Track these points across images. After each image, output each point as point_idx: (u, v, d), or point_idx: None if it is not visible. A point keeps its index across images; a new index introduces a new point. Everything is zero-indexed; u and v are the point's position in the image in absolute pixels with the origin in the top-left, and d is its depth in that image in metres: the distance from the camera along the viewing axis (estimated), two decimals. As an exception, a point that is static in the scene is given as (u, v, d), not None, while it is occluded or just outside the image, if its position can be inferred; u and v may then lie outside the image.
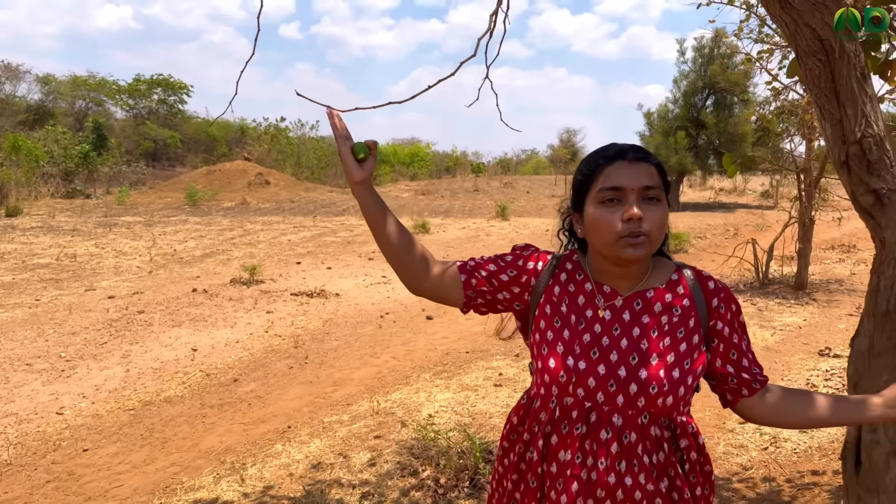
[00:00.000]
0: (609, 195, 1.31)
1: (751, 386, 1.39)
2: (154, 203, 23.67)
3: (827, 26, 1.70)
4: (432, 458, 3.72)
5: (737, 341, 1.39)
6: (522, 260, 1.46)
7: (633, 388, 1.30)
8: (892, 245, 1.76)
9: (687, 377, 1.31)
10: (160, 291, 8.79)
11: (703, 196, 30.17)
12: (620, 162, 1.32)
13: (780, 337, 6.67)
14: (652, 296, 1.37)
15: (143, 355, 6.08)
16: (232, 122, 44.45)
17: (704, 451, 1.41)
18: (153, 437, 4.34)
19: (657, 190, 1.32)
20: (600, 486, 1.29)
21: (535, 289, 1.44)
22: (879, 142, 1.73)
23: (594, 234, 1.35)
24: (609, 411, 1.30)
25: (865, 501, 1.86)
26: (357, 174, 1.40)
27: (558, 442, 1.34)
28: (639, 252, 1.29)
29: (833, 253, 13.09)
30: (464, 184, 34.86)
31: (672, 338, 1.33)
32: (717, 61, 23.39)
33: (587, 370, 1.32)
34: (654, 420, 1.31)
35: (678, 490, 1.33)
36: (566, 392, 1.33)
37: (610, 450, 1.29)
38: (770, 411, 1.41)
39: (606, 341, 1.34)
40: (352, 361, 6.02)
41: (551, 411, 1.35)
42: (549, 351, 1.36)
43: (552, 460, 1.34)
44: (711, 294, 1.39)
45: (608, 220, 1.30)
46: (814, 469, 3.57)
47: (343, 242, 14.33)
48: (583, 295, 1.40)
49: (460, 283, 1.44)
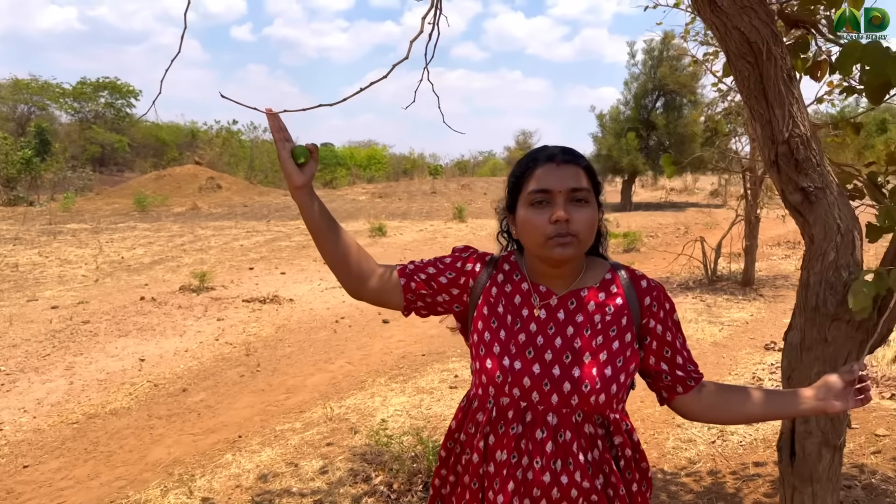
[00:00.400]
0: (538, 197, 1.33)
1: (685, 383, 1.42)
2: (101, 209, 23.03)
3: (754, 29, 1.74)
4: (385, 463, 3.70)
5: (670, 339, 1.41)
6: (461, 262, 1.47)
7: (567, 387, 1.31)
8: (820, 242, 1.81)
9: (619, 375, 1.33)
10: (107, 300, 8.54)
11: (655, 196, 30.77)
12: (549, 165, 1.35)
13: (728, 332, 6.83)
14: (586, 295, 1.39)
15: (87, 367, 5.90)
16: (182, 125, 43.62)
17: (640, 448, 1.42)
18: (98, 451, 4.21)
19: (585, 192, 1.33)
20: (536, 486, 1.30)
21: (473, 290, 1.45)
22: (806, 141, 1.78)
23: (525, 236, 1.37)
24: (544, 410, 1.31)
25: (800, 490, 1.92)
26: (297, 178, 1.37)
27: (495, 442, 1.34)
28: (567, 252, 1.31)
29: (779, 249, 13.47)
30: (421, 186, 34.85)
31: (605, 336, 1.35)
32: (666, 64, 23.90)
33: (522, 370, 1.33)
34: (587, 418, 1.33)
35: (613, 487, 1.35)
36: (502, 392, 1.34)
37: (545, 449, 1.30)
38: (706, 408, 1.44)
39: (541, 340, 1.35)
40: (305, 368, 5.94)
41: (488, 412, 1.36)
42: (486, 352, 1.37)
43: (490, 460, 1.35)
44: (644, 293, 1.40)
45: (537, 221, 1.32)
46: (757, 461, 3.66)
47: (298, 247, 14.15)
48: (519, 295, 1.41)
49: (400, 287, 1.44)
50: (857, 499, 3.04)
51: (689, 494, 3.32)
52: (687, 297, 8.81)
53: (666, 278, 10.37)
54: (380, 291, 1.46)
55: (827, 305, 1.80)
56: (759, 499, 3.21)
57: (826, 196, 1.78)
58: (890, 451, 3.63)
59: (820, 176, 1.78)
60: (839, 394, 1.34)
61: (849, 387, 1.34)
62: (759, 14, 1.73)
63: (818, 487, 1.90)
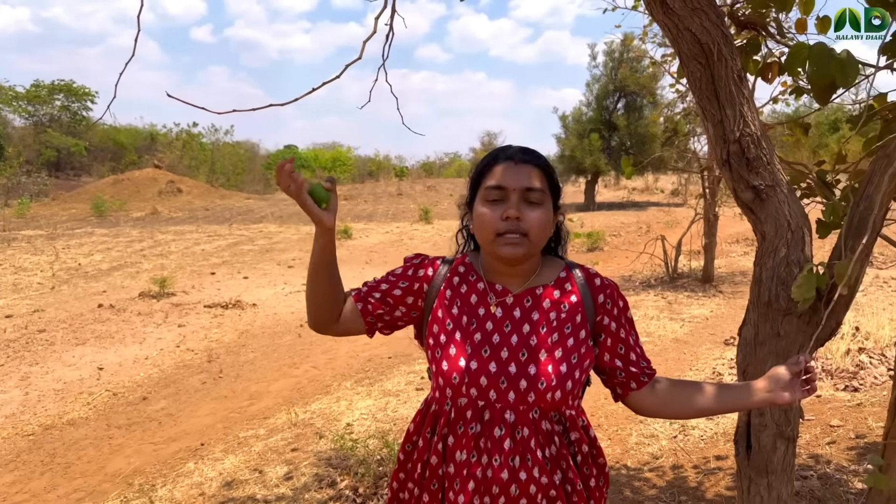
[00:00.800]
0: (493, 194, 1.35)
1: (639, 379, 1.44)
2: (57, 215, 22.46)
3: (705, 31, 1.77)
4: (351, 467, 3.67)
5: (624, 336, 1.44)
6: (413, 269, 1.48)
7: (524, 384, 1.32)
8: (771, 238, 1.85)
9: (574, 371, 1.35)
10: (63, 308, 8.33)
11: (618, 195, 31.19)
12: (508, 163, 1.36)
13: (689, 328, 6.95)
14: (541, 293, 1.41)
15: (43, 377, 5.75)
16: (141, 128, 42.76)
17: (596, 444, 1.44)
18: (55, 463, 4.10)
19: (539, 193, 1.35)
20: (495, 483, 1.31)
21: (428, 294, 1.45)
22: (757, 140, 1.82)
23: (478, 231, 1.39)
24: (502, 408, 1.32)
25: (756, 482, 1.96)
26: (328, 221, 1.31)
27: (454, 443, 1.35)
28: (516, 251, 1.33)
29: (738, 246, 13.77)
30: (387, 188, 34.76)
31: (560, 333, 1.37)
32: (626, 65, 24.24)
33: (479, 369, 1.33)
34: (544, 415, 1.34)
35: (571, 482, 1.36)
36: (460, 393, 1.34)
37: (503, 446, 1.31)
38: (659, 403, 1.46)
39: (497, 339, 1.36)
40: (269, 373, 5.88)
41: (446, 413, 1.37)
42: (442, 353, 1.37)
43: (449, 461, 1.36)
44: (598, 290, 1.43)
45: (490, 217, 1.34)
46: (718, 454, 3.73)
47: (261, 251, 13.99)
48: (475, 294, 1.42)
49: (359, 313, 1.45)
50: (812, 488, 3.12)
51: (653, 489, 3.37)
52: (649, 294, 8.94)
53: (628, 276, 10.52)
54: (343, 323, 1.45)
55: (779, 300, 1.84)
56: (720, 491, 3.27)
57: (776, 194, 1.82)
58: (844, 441, 3.73)
59: (770, 174, 1.82)
60: (787, 385, 1.37)
61: (795, 378, 1.37)
62: (710, 16, 1.77)
63: (773, 478, 1.94)
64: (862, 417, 4.02)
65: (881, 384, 4.52)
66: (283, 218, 21.35)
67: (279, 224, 19.66)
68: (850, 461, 3.46)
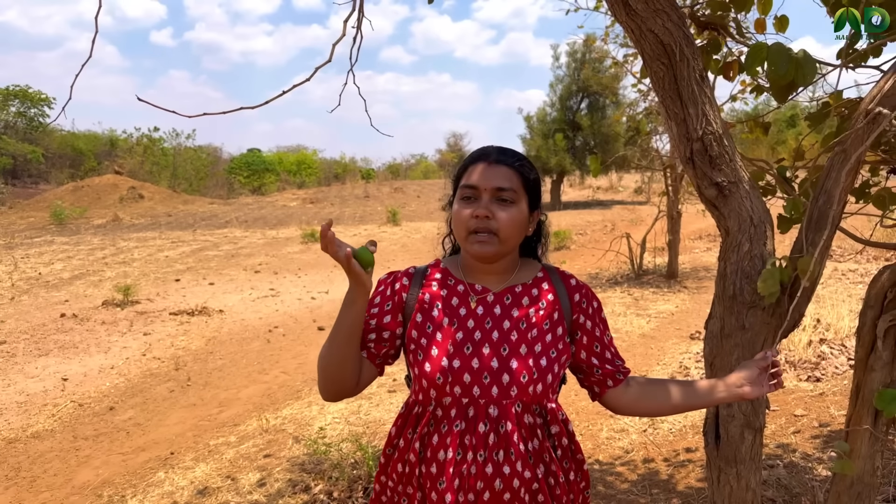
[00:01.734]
0: (466, 193, 1.39)
1: (615, 377, 1.48)
2: (15, 224, 21.86)
3: (668, 32, 1.81)
4: (324, 471, 3.65)
5: (599, 335, 1.48)
6: (388, 287, 1.49)
7: (506, 378, 1.35)
8: (735, 234, 1.90)
9: (553, 365, 1.39)
10: (24, 319, 8.12)
11: (583, 195, 31.49)
12: (482, 163, 1.40)
13: (656, 324, 7.06)
14: (520, 291, 1.45)
15: (5, 389, 5.59)
16: (100, 133, 41.82)
17: (575, 439, 1.48)
18: (19, 478, 4.00)
19: (511, 192, 1.38)
20: (479, 479, 1.33)
21: (406, 303, 1.46)
22: (719, 138, 1.86)
23: (455, 229, 1.44)
24: (485, 403, 1.35)
25: (725, 472, 2.00)
26: (368, 282, 1.32)
27: (438, 442, 1.36)
28: (486, 249, 1.37)
29: (700, 242, 14.02)
30: (354, 190, 34.56)
31: (539, 329, 1.41)
32: (588, 66, 24.51)
33: (462, 367, 1.36)
34: (526, 408, 1.37)
35: (553, 475, 1.39)
36: (444, 392, 1.36)
37: (487, 441, 1.34)
38: (635, 401, 1.50)
39: (479, 335, 1.39)
40: (238, 380, 5.81)
41: (429, 413, 1.38)
42: (423, 356, 1.39)
43: (432, 461, 1.36)
44: (573, 290, 1.48)
45: (463, 215, 1.38)
46: (688, 446, 3.80)
47: (226, 256, 13.81)
48: (456, 296, 1.45)
49: (368, 363, 1.45)
50: (779, 477, 3.20)
51: (625, 483, 3.42)
52: (615, 291, 9.06)
53: (595, 274, 10.64)
54: (361, 384, 1.45)
55: (743, 294, 1.89)
56: (691, 483, 3.33)
57: (739, 190, 1.87)
58: (808, 430, 3.84)
59: (733, 171, 1.87)
60: (755, 380, 1.42)
61: (763, 373, 1.42)
62: (672, 17, 1.81)
63: (742, 468, 1.99)
64: (824, 406, 4.13)
65: (842, 374, 4.66)
66: (247, 223, 21.10)
67: (244, 229, 19.43)
68: (815, 449, 3.56)
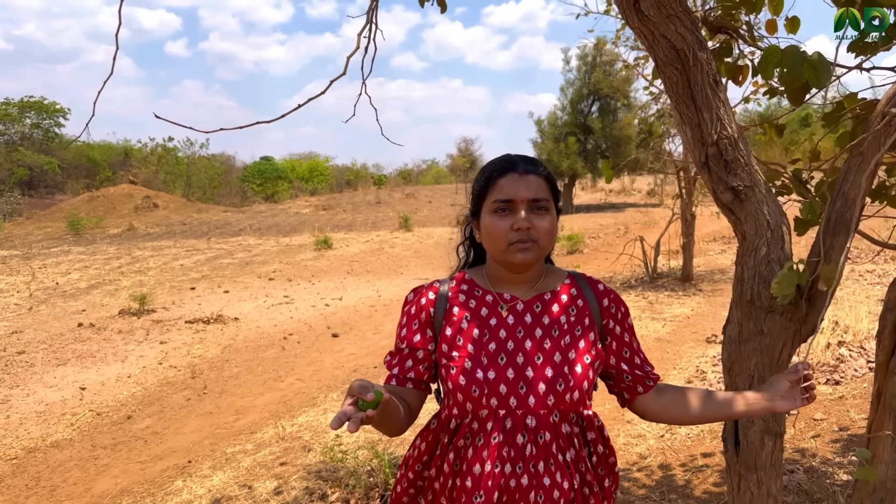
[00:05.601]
0: (501, 206, 1.38)
1: (645, 383, 1.48)
2: (32, 234, 22.11)
3: (680, 37, 1.81)
4: (341, 479, 3.66)
5: (628, 340, 1.48)
6: (414, 305, 1.48)
7: (542, 388, 1.34)
8: (751, 238, 1.89)
9: (588, 371, 1.38)
10: (42, 329, 8.20)
11: (595, 198, 31.42)
12: (512, 174, 1.40)
13: (671, 327, 7.02)
14: (549, 298, 1.44)
15: (24, 399, 5.65)
16: (115, 143, 42.22)
17: (610, 444, 1.47)
18: (40, 487, 4.04)
19: (545, 201, 1.39)
20: (517, 491, 1.31)
21: (434, 318, 1.45)
22: (734, 142, 1.85)
23: (488, 241, 1.42)
24: (523, 414, 1.34)
25: (746, 478, 1.99)
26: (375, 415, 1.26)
27: (473, 456, 1.34)
28: (528, 256, 1.37)
29: (715, 244, 13.93)
30: (366, 197, 34.67)
31: (571, 336, 1.40)
32: (599, 69, 24.47)
33: (497, 378, 1.34)
34: (564, 417, 1.36)
35: (588, 485, 1.39)
36: (480, 405, 1.35)
37: (525, 453, 1.32)
38: (664, 407, 1.49)
39: (511, 345, 1.38)
40: (254, 387, 5.84)
41: (465, 427, 1.37)
42: (457, 370, 1.37)
43: (466, 475, 1.35)
44: (602, 295, 1.48)
45: (500, 228, 1.37)
46: (705, 451, 3.77)
47: (241, 264, 13.89)
48: (485, 307, 1.44)
49: (414, 393, 1.46)
50: (799, 482, 3.16)
51: (642, 489, 3.40)
52: (630, 294, 9.02)
53: (609, 277, 10.60)
54: (415, 413, 1.46)
55: (761, 298, 1.88)
56: (708, 489, 3.31)
57: (755, 194, 1.86)
58: (828, 434, 3.80)
59: (748, 175, 1.86)
60: (786, 394, 1.40)
61: (794, 386, 1.40)
62: (685, 22, 1.80)
63: (762, 474, 1.97)
64: (844, 410, 4.09)
65: (861, 376, 4.61)
66: (261, 230, 21.22)
67: (258, 236, 19.54)
68: (835, 454, 3.52)
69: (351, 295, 10.10)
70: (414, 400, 1.45)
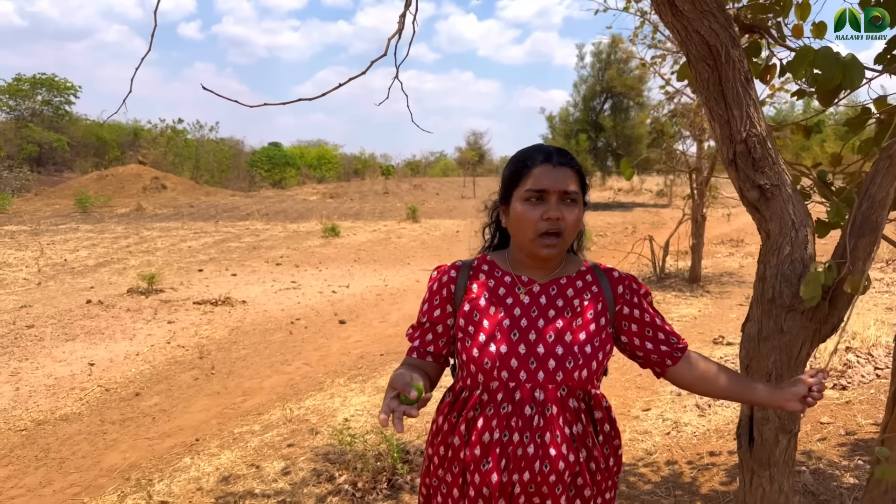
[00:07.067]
0: (534, 195, 1.43)
1: (672, 356, 1.54)
2: (41, 210, 22.21)
3: (713, 33, 1.82)
4: (349, 462, 3.69)
5: (649, 320, 1.53)
6: (437, 282, 1.56)
7: (552, 364, 1.40)
8: (775, 236, 1.90)
9: (598, 353, 1.45)
10: (51, 304, 8.26)
11: (603, 196, 31.34)
12: (546, 165, 1.45)
13: (678, 327, 7.03)
14: (565, 282, 1.51)
15: (34, 372, 5.70)
16: (125, 123, 42.26)
17: (616, 426, 1.53)
18: (49, 458, 4.08)
19: (575, 193, 1.45)
20: (524, 460, 1.37)
21: (455, 294, 1.53)
22: (762, 141, 1.86)
23: (517, 228, 1.47)
24: (531, 387, 1.40)
25: (759, 474, 2.00)
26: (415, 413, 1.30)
27: (483, 425, 1.40)
28: (552, 252, 1.44)
29: (723, 247, 13.91)
30: (373, 186, 34.70)
31: (583, 319, 1.47)
32: (614, 66, 24.39)
33: (509, 352, 1.41)
34: (571, 393, 1.42)
35: (595, 460, 1.46)
36: (491, 377, 1.41)
37: (532, 423, 1.38)
38: (696, 380, 1.56)
39: (525, 323, 1.44)
40: (262, 370, 5.87)
41: (476, 397, 1.43)
42: (472, 342, 1.44)
43: (476, 444, 1.40)
44: (616, 282, 1.54)
45: (531, 217, 1.42)
46: (711, 450, 3.79)
47: (248, 248, 13.93)
48: (503, 287, 1.51)
49: (432, 366, 1.54)
50: (806, 483, 3.18)
51: (648, 484, 3.42)
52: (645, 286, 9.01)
53: (617, 276, 10.59)
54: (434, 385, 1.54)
55: (783, 297, 1.89)
56: (714, 487, 3.33)
57: (781, 193, 1.87)
58: (834, 437, 3.81)
59: (776, 174, 1.87)
60: (803, 398, 1.48)
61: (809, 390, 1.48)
62: (719, 18, 1.81)
63: (775, 471, 1.99)
64: (851, 415, 4.10)
65: (868, 383, 4.62)
66: (268, 216, 21.26)
67: (265, 221, 19.58)
68: (842, 457, 3.53)
69: (358, 283, 10.13)
70: (432, 372, 1.54)
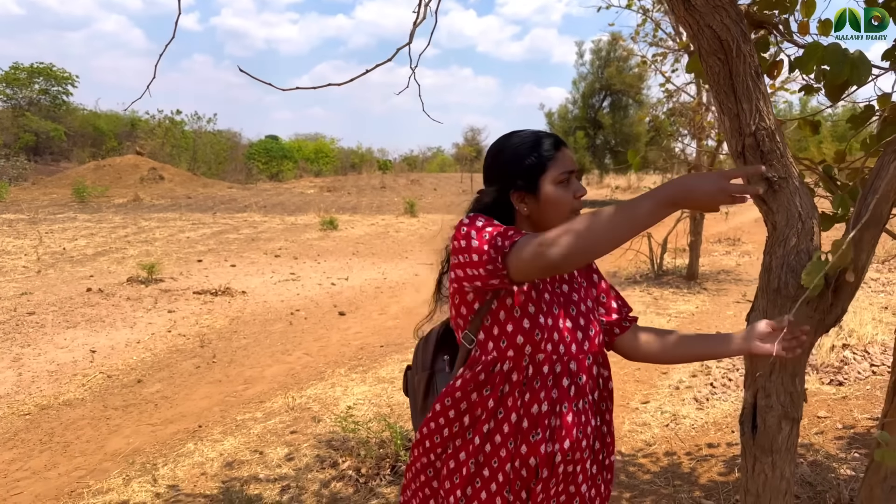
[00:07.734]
0: (566, 177, 1.51)
1: (621, 324, 1.66)
2: (38, 199, 22.17)
3: (725, 28, 1.86)
4: (352, 449, 3.73)
5: (605, 286, 1.68)
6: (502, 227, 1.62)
7: (580, 335, 1.50)
8: (782, 228, 1.94)
9: (602, 318, 1.63)
10: (51, 292, 8.27)
11: (601, 193, 31.39)
12: (563, 149, 1.54)
13: (675, 324, 7.09)
14: None
15: (36, 358, 5.73)
16: (122, 114, 42.11)
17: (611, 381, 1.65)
18: (53, 442, 4.11)
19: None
20: (564, 428, 1.45)
21: None
22: (771, 134, 1.90)
23: (553, 212, 1.50)
24: (568, 359, 1.47)
25: (761, 461, 2.05)
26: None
27: (531, 398, 1.44)
28: None
29: (720, 246, 13.97)
30: (370, 181, 34.70)
31: (587, 291, 1.60)
32: (613, 64, 24.43)
33: (553, 325, 1.46)
34: (595, 360, 1.53)
35: (608, 424, 1.58)
36: (538, 349, 1.44)
37: (570, 393, 1.46)
38: (645, 345, 1.66)
39: (554, 298, 1.51)
40: (263, 359, 5.91)
41: (523, 370, 1.44)
42: (521, 313, 1.44)
43: (523, 417, 1.44)
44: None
45: (566, 197, 1.50)
46: (709, 442, 3.84)
47: (247, 240, 13.95)
48: None
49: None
50: (803, 474, 3.24)
51: (647, 475, 3.47)
52: (634, 290, 9.08)
53: (613, 272, 10.67)
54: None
55: (788, 287, 1.93)
56: (713, 477, 3.38)
57: (789, 185, 1.91)
58: (831, 431, 3.87)
59: (783, 166, 1.91)
60: (766, 338, 1.55)
61: (775, 333, 1.54)
62: (730, 13, 1.85)
63: (777, 457, 2.03)
64: (847, 409, 4.16)
65: (864, 379, 4.68)
66: (266, 208, 21.26)
67: (263, 214, 19.59)
68: (839, 450, 3.59)
69: (357, 276, 10.17)
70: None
